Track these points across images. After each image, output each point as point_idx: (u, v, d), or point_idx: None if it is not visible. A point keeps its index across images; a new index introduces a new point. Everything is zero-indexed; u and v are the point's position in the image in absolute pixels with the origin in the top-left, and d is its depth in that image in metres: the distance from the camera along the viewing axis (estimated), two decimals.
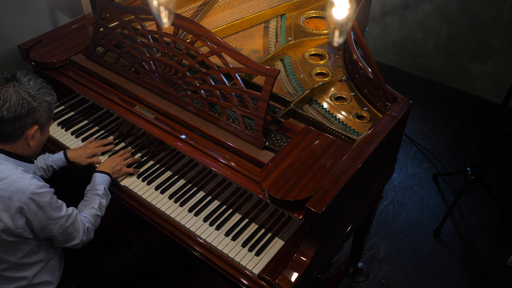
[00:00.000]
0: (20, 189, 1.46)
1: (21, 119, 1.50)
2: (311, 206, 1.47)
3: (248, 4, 2.48)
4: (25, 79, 1.55)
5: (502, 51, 3.53)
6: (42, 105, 1.55)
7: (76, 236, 1.61)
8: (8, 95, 1.49)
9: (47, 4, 2.47)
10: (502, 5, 3.36)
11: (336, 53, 2.29)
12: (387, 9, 3.90)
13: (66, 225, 1.56)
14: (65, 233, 1.58)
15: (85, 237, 1.65)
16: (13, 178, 1.47)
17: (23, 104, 1.50)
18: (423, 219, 2.89)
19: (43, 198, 1.49)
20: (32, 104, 1.52)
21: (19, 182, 1.47)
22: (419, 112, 3.67)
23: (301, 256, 1.57)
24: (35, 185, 1.47)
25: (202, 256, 1.71)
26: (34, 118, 1.53)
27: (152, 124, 1.89)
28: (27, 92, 1.52)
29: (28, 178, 1.49)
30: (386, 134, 1.73)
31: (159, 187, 1.87)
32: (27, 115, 1.51)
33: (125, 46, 2.02)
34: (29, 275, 1.61)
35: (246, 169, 1.68)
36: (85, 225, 1.65)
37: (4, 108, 1.47)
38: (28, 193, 1.46)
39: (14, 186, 1.46)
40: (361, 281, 2.57)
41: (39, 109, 1.54)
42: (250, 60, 1.72)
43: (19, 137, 1.53)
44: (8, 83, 1.52)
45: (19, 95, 1.50)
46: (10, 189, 1.46)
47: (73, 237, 1.61)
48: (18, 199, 1.45)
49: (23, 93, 1.51)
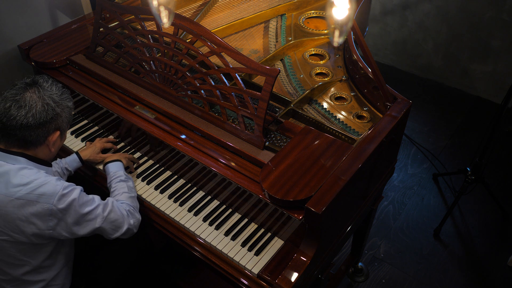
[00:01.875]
0: (46, 191, 1.45)
1: (45, 125, 1.50)
2: (311, 206, 1.47)
3: (248, 4, 2.48)
4: (47, 85, 1.54)
5: (502, 51, 3.53)
6: (64, 110, 1.55)
7: (123, 221, 1.60)
8: (33, 102, 1.48)
9: (47, 4, 2.48)
10: (502, 5, 3.36)
11: (336, 53, 2.29)
12: (387, 9, 3.90)
13: (105, 214, 1.55)
14: (109, 221, 1.56)
15: (132, 219, 1.63)
16: (38, 182, 1.46)
17: (48, 110, 1.49)
18: (423, 219, 2.89)
19: (71, 197, 1.48)
20: (56, 110, 1.51)
21: (45, 184, 1.46)
22: (419, 112, 3.67)
23: (301, 256, 1.57)
24: (61, 186, 1.47)
25: (201, 256, 1.71)
26: (56, 124, 1.53)
27: (152, 124, 1.89)
28: (51, 98, 1.51)
29: (53, 180, 1.48)
30: (386, 134, 1.73)
31: (159, 187, 1.87)
32: (51, 121, 1.51)
33: (125, 46, 2.02)
34: (47, 277, 1.61)
35: (246, 169, 1.68)
36: (126, 208, 1.64)
37: (30, 114, 1.46)
38: (56, 195, 1.45)
39: (40, 189, 1.45)
40: (361, 281, 2.57)
41: (61, 115, 1.54)
42: (250, 60, 1.72)
43: (42, 143, 1.53)
44: (31, 89, 1.50)
45: (43, 101, 1.49)
46: (36, 192, 1.45)
47: (120, 223, 1.59)
48: (46, 201, 1.45)
49: (47, 99, 1.50)
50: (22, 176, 1.47)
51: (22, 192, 1.45)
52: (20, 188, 1.45)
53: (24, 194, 1.45)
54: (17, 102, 1.46)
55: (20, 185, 1.45)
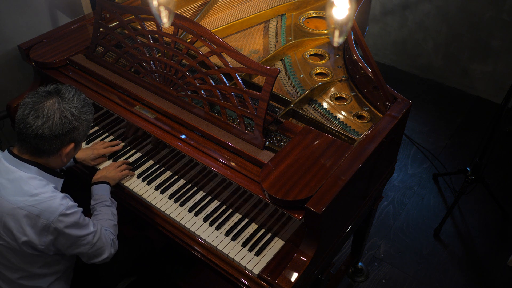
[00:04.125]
0: (49, 208, 1.45)
1: (60, 138, 1.47)
2: (311, 206, 1.47)
3: (248, 4, 2.48)
4: (70, 96, 1.51)
5: (502, 51, 3.53)
6: (82, 124, 1.52)
7: (105, 250, 1.61)
8: (52, 113, 1.45)
9: (47, 4, 2.48)
10: (502, 5, 3.36)
11: (336, 53, 2.29)
12: (387, 9, 3.90)
13: (94, 241, 1.56)
14: (94, 248, 1.57)
15: (113, 249, 1.65)
16: (44, 196, 1.46)
17: (64, 123, 1.46)
18: (423, 219, 2.89)
19: (71, 218, 1.48)
20: (73, 124, 1.48)
21: (49, 201, 1.45)
22: (419, 112, 3.67)
23: (301, 256, 1.57)
24: (65, 206, 1.46)
25: (202, 256, 1.71)
26: (72, 136, 1.50)
27: (152, 124, 1.89)
28: (71, 111, 1.48)
29: (59, 198, 1.47)
30: (386, 134, 1.73)
31: (159, 187, 1.87)
32: (67, 134, 1.48)
33: (125, 46, 2.02)
34: (43, 285, 1.61)
35: (246, 169, 1.68)
36: (110, 237, 1.65)
37: (46, 125, 1.44)
38: (57, 214, 1.45)
39: (44, 205, 1.45)
40: (361, 281, 2.57)
41: (78, 129, 1.51)
42: (250, 60, 1.72)
43: (54, 153, 1.51)
44: (52, 98, 1.48)
45: (62, 113, 1.46)
46: (40, 207, 1.44)
47: (102, 252, 1.60)
48: (47, 217, 1.44)
49: (66, 112, 1.47)
50: (30, 186, 1.46)
51: (25, 203, 1.44)
52: (26, 199, 1.44)
53: (27, 206, 1.44)
54: (36, 111, 1.44)
55: (26, 195, 1.45)
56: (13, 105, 2.17)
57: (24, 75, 2.53)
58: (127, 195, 1.89)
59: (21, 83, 2.53)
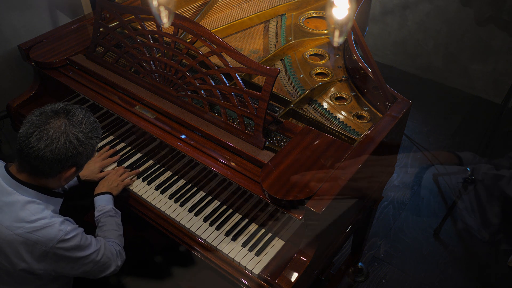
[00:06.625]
0: (47, 234, 1.41)
1: (62, 162, 1.42)
2: (311, 206, 1.47)
3: (248, 4, 2.48)
4: (78, 119, 1.44)
5: (502, 51, 3.53)
6: (87, 149, 1.46)
7: (111, 263, 1.59)
8: (56, 136, 1.39)
9: (47, 4, 2.48)
10: (502, 5, 3.35)
11: (336, 53, 2.29)
12: (387, 9, 3.90)
13: (98, 258, 1.53)
14: (99, 264, 1.55)
15: (119, 260, 1.62)
16: (42, 223, 1.42)
17: (68, 148, 1.40)
18: (423, 219, 2.89)
19: (71, 243, 1.45)
20: (78, 149, 1.42)
21: (47, 227, 1.42)
22: (419, 112, 3.67)
23: (301, 256, 1.57)
24: (64, 231, 1.43)
25: (202, 256, 1.71)
26: (74, 161, 1.45)
27: (152, 124, 1.89)
28: (77, 136, 1.42)
29: (57, 223, 1.43)
30: (386, 134, 1.73)
31: (159, 187, 1.87)
32: (69, 159, 1.42)
33: (125, 46, 2.02)
34: None
35: (246, 169, 1.68)
36: (116, 249, 1.62)
37: (49, 149, 1.38)
38: (56, 240, 1.42)
39: (42, 232, 1.41)
40: (361, 281, 2.57)
41: (82, 154, 1.45)
42: (250, 60, 1.72)
43: (53, 176, 1.46)
44: (59, 119, 1.41)
45: (67, 138, 1.40)
46: (38, 234, 1.41)
47: (108, 266, 1.58)
48: (45, 244, 1.42)
49: (72, 137, 1.41)
50: (28, 211, 1.42)
51: (22, 230, 1.41)
52: (23, 225, 1.41)
53: (24, 232, 1.41)
54: (40, 132, 1.38)
55: (23, 221, 1.41)
56: (13, 105, 2.18)
57: (24, 75, 2.53)
58: (127, 195, 1.89)
59: (21, 83, 2.53)
